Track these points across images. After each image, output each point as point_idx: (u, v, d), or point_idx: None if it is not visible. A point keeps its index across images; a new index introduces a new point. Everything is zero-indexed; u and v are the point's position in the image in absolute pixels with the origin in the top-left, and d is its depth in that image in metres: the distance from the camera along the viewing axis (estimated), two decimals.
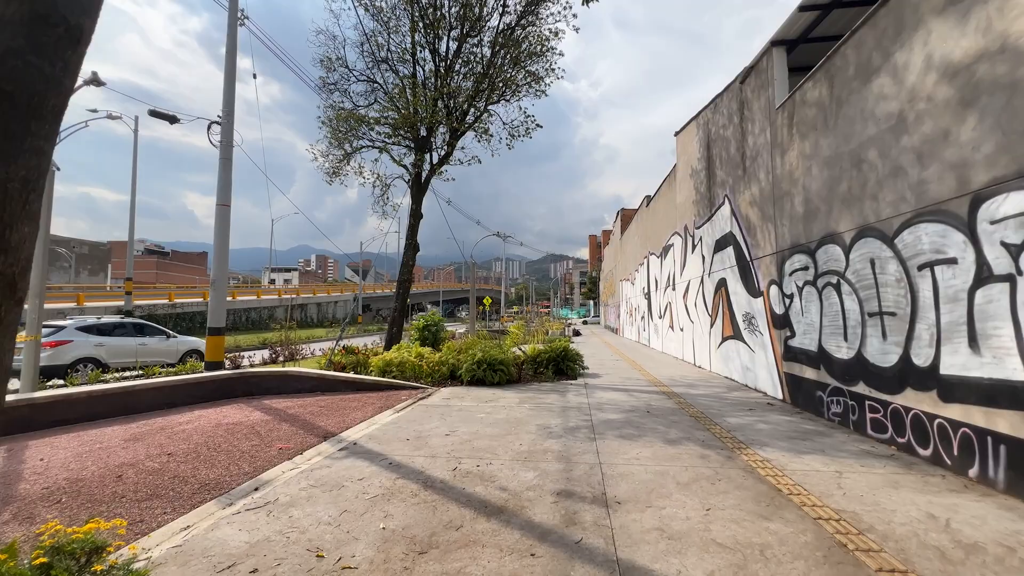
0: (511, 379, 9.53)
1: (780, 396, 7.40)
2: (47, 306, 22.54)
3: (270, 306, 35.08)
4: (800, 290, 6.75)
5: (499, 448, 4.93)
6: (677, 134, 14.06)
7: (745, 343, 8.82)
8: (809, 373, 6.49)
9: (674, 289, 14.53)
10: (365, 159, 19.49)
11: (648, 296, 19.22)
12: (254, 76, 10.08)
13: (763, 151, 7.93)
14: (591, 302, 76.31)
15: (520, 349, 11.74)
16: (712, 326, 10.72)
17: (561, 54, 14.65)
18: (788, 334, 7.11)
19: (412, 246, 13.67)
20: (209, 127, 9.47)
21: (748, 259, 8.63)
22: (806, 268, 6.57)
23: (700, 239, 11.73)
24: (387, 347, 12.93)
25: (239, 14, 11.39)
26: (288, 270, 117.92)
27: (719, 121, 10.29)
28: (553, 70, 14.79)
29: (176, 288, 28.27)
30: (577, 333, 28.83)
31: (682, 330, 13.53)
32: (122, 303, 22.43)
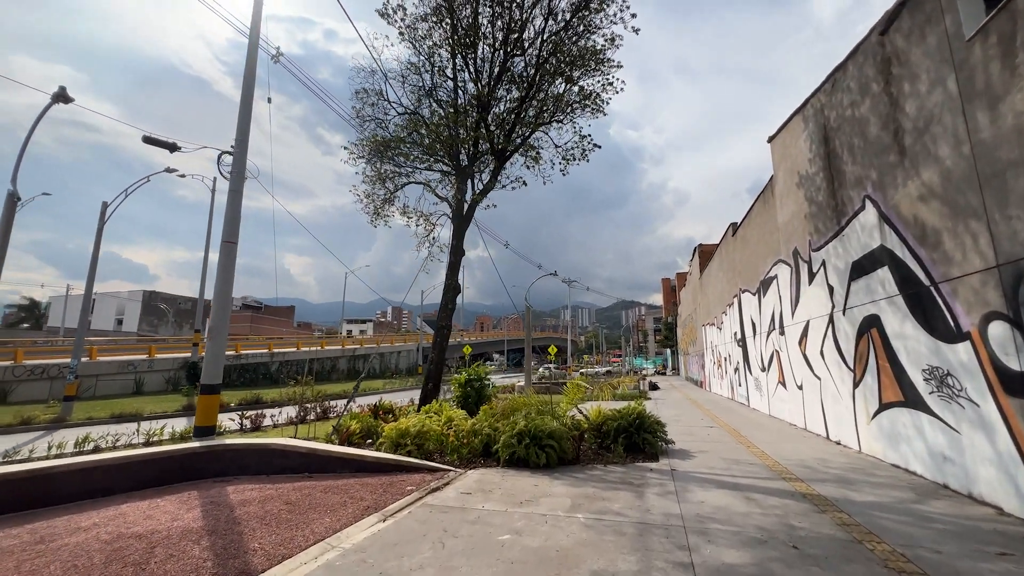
0: (565, 458, 6.93)
1: None
2: (117, 357, 23.60)
3: (333, 356, 35.14)
4: None
5: None
6: (772, 139, 11.31)
7: (933, 415, 5.57)
8: None
9: (782, 334, 11.19)
10: (408, 196, 18.54)
11: (743, 343, 15.65)
12: (268, 100, 9.30)
13: (943, 113, 5.13)
14: (668, 350, 70.27)
15: (581, 411, 9.11)
16: (857, 385, 7.43)
17: (619, 65, 12.80)
18: None
19: (452, 287, 11.84)
20: (220, 157, 8.53)
21: (926, 283, 5.59)
22: None
23: (823, 264, 8.66)
24: (420, 406, 10.87)
25: (275, 51, 10.90)
26: (364, 321, 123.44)
27: (843, 101, 7.56)
28: (611, 83, 12.93)
29: (238, 339, 29.16)
30: (654, 387, 25.08)
31: (800, 388, 10.08)
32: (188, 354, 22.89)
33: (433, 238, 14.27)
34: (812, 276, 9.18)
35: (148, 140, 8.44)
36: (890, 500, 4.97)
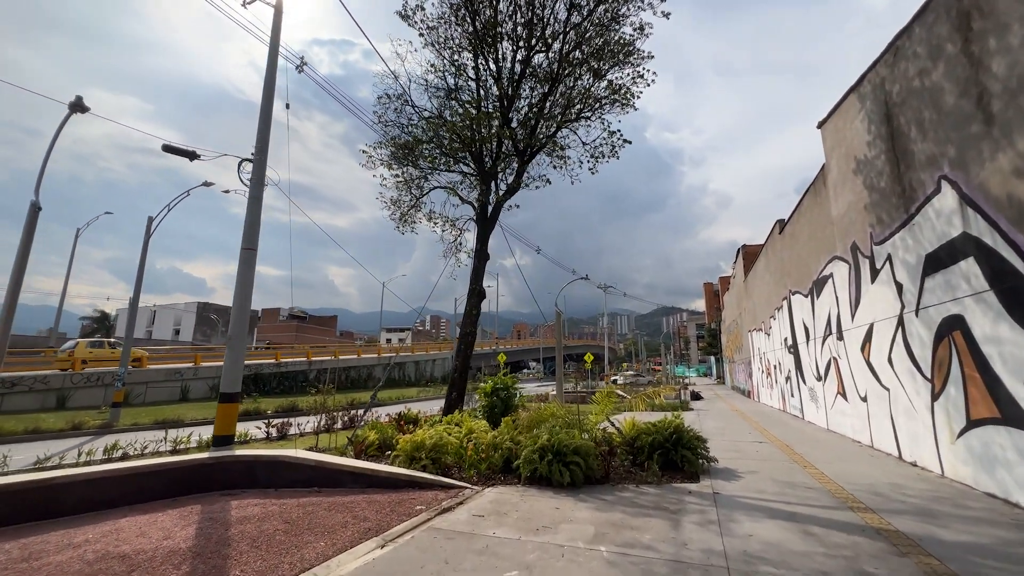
0: (592, 477, 6.28)
1: None
2: (166, 366, 24.66)
3: (369, 365, 35.63)
4: None
5: None
6: (822, 124, 10.27)
7: None
8: None
9: (840, 339, 10.04)
10: (434, 202, 18.43)
11: (794, 350, 14.35)
12: (287, 106, 9.31)
13: None
14: (712, 358, 67.25)
15: (614, 423, 8.41)
16: (936, 398, 6.37)
17: (650, 55, 12.11)
18: None
19: (476, 292, 11.43)
20: (240, 164, 8.53)
21: None
22: None
23: (887, 259, 7.61)
24: (444, 416, 10.48)
25: (299, 61, 10.97)
26: (403, 330, 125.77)
27: (908, 70, 6.61)
28: (642, 76, 12.26)
29: (282, 348, 30.04)
30: (697, 396, 23.67)
31: (864, 400, 8.93)
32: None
33: (460, 243, 13.99)
34: (875, 273, 8.12)
35: (168, 149, 8.62)
36: (991, 541, 4.04)
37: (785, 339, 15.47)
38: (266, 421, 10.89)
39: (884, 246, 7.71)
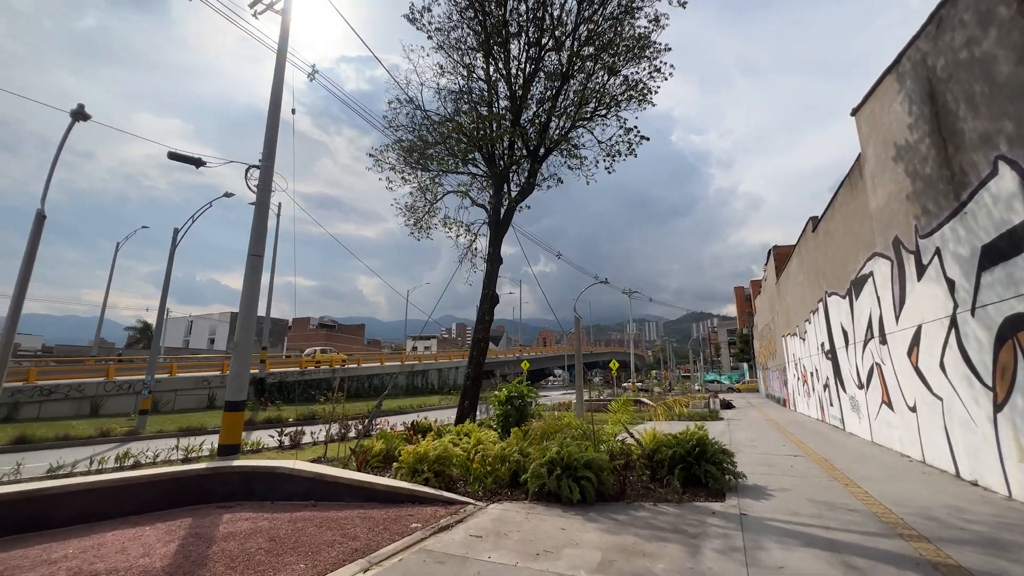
0: (605, 493, 5.79)
1: None
2: (194, 374, 25.25)
3: (392, 372, 35.76)
4: None
5: None
6: (857, 111, 9.53)
7: None
8: None
9: (884, 343, 9.19)
10: (448, 207, 18.26)
11: (832, 355, 13.39)
12: (292, 111, 9.28)
13: None
14: (744, 364, 64.77)
15: (632, 434, 7.87)
16: (1000, 408, 5.60)
17: (667, 48, 11.63)
18: None
19: (489, 297, 11.10)
20: (247, 171, 8.51)
21: None
22: None
23: (936, 253, 6.86)
24: (457, 424, 10.15)
25: (310, 69, 11.01)
26: (428, 338, 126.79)
27: (954, 41, 5.94)
28: (659, 70, 11.78)
29: (301, 357, 30.67)
30: (728, 405, 22.61)
31: (913, 410, 8.08)
32: (257, 371, 24.11)
33: (475, 249, 13.73)
34: (922, 269, 7.35)
35: (173, 156, 8.70)
36: None
37: (822, 344, 14.48)
38: (279, 430, 10.79)
39: (931, 239, 6.96)
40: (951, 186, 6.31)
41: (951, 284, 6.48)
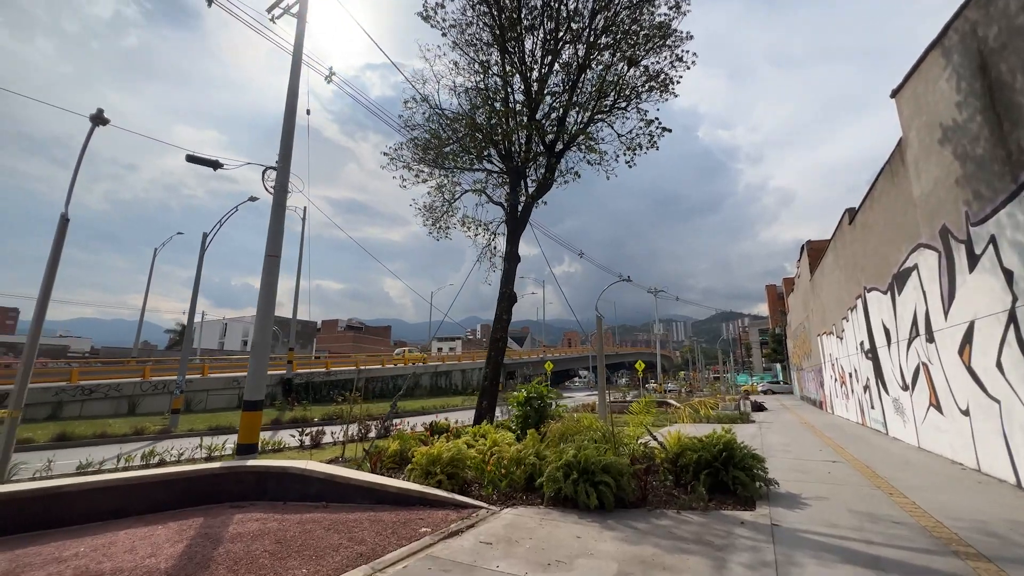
0: (624, 499, 5.49)
1: None
2: (225, 374, 25.96)
3: (416, 373, 36.01)
4: None
5: None
6: (897, 92, 8.90)
7: None
8: None
9: (931, 340, 8.52)
10: (467, 205, 18.16)
11: (872, 355, 12.60)
12: (308, 112, 9.31)
13: None
14: (777, 365, 62.49)
15: (656, 437, 7.52)
16: None
17: (689, 36, 11.19)
18: None
19: (507, 296, 10.89)
20: (264, 172, 8.58)
21: None
22: None
23: (990, 241, 6.26)
24: (475, 425, 9.99)
25: (328, 71, 11.08)
26: (454, 339, 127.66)
27: (1008, 6, 5.39)
28: (680, 59, 11.35)
29: (328, 356, 31.14)
30: (759, 407, 21.71)
31: (966, 413, 7.43)
32: (283, 371, 24.62)
33: (494, 248, 13.56)
34: (974, 260, 6.74)
35: (191, 159, 8.88)
36: None
37: (861, 343, 13.67)
38: (300, 429, 10.88)
39: (985, 226, 6.37)
40: (1007, 167, 5.74)
41: (1009, 275, 5.89)
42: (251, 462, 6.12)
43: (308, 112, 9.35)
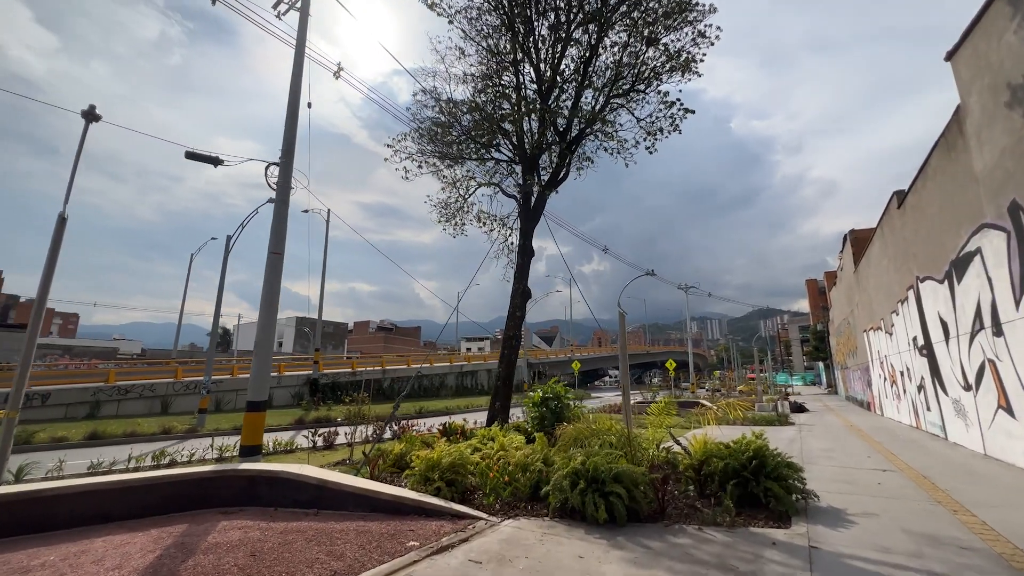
0: (639, 511, 4.91)
1: None
2: None
3: (441, 373, 35.99)
4: None
5: None
6: (953, 55, 7.90)
7: None
8: None
9: (998, 334, 7.47)
10: (482, 200, 17.85)
11: (927, 351, 11.39)
12: (308, 105, 9.10)
13: None
14: (820, 364, 59.27)
15: (679, 441, 6.89)
16: None
17: (712, 9, 10.42)
18: None
19: (521, 292, 10.41)
20: (267, 168, 8.42)
21: None
22: None
23: None
24: (487, 426, 9.56)
25: (336, 66, 10.91)
26: (482, 339, 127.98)
27: None
28: (704, 35, 10.60)
29: (359, 357, 31.46)
30: (800, 408, 20.33)
31: None
32: (309, 372, 24.96)
33: (511, 244, 13.11)
34: None
35: (191, 156, 8.84)
36: None
37: (914, 338, 12.42)
38: (313, 430, 10.74)
39: None
40: None
41: None
42: (243, 466, 5.88)
43: (309, 105, 9.17)
